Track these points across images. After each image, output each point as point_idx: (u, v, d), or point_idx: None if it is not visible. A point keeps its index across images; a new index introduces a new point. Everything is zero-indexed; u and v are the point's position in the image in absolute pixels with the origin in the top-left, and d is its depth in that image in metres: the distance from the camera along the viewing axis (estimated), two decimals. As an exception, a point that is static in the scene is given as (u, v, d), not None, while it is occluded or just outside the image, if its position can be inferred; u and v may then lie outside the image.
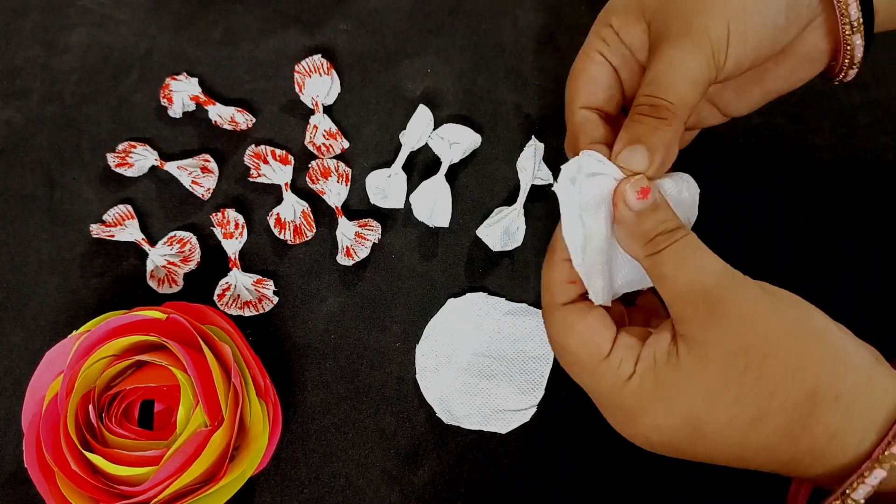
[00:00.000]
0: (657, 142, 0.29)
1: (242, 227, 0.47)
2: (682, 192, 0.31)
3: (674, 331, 0.28)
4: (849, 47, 0.32)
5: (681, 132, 0.30)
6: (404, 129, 0.49)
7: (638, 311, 0.34)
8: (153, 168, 0.49)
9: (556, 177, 0.48)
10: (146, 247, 0.46)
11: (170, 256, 0.46)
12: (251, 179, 0.48)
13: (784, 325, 0.27)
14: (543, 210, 0.47)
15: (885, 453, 0.25)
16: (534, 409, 0.42)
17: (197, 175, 0.47)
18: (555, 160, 0.48)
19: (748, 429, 0.27)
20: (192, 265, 0.46)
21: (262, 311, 0.45)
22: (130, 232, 0.46)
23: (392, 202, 0.47)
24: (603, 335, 0.29)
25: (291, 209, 0.47)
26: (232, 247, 0.46)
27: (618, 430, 0.30)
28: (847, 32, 0.32)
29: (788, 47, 0.33)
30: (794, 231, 0.46)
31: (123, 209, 0.47)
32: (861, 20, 0.31)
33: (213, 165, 0.48)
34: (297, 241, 0.47)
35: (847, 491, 0.26)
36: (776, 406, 0.26)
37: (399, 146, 0.49)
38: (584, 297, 0.31)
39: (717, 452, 0.28)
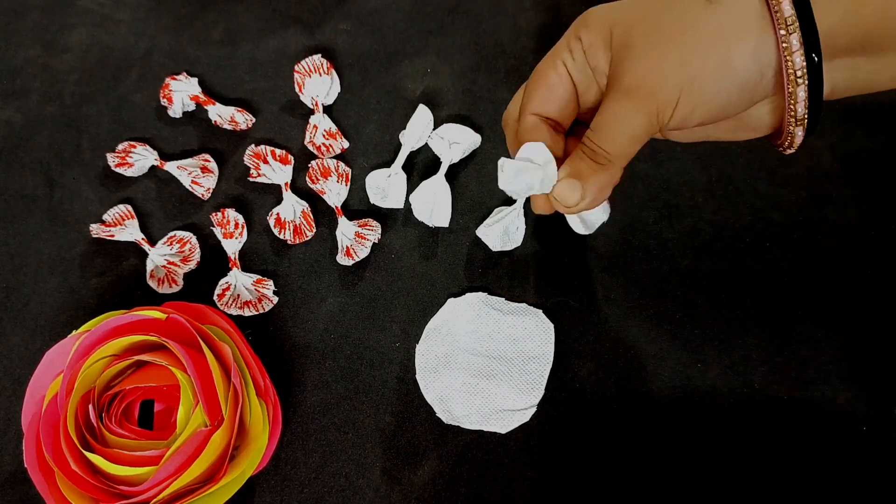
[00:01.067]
0: (592, 183, 0.33)
1: (242, 226, 0.47)
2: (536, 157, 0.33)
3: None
4: (790, 135, 0.32)
5: (617, 177, 0.33)
6: (404, 128, 0.49)
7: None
8: (153, 168, 0.49)
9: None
10: (146, 247, 0.46)
11: (170, 256, 0.46)
12: (251, 179, 0.48)
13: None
14: (543, 210, 0.47)
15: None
16: (534, 409, 0.42)
17: (197, 175, 0.47)
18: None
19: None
20: (192, 265, 0.46)
21: (262, 311, 0.45)
22: (130, 232, 0.46)
23: (392, 202, 0.47)
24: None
25: (291, 209, 0.47)
26: (232, 247, 0.46)
27: None
28: (791, 124, 0.32)
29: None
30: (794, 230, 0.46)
31: (123, 209, 0.47)
32: (806, 117, 0.31)
33: (213, 165, 0.48)
34: (297, 241, 0.47)
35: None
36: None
37: (399, 146, 0.49)
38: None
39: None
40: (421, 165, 0.49)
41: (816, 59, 0.29)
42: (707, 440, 0.40)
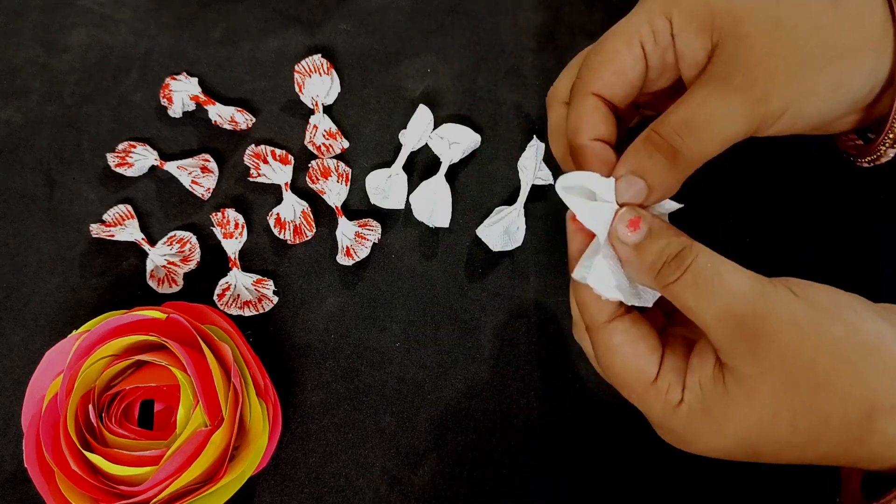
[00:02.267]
0: (660, 185, 0.28)
1: (242, 226, 0.46)
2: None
3: (716, 354, 0.27)
4: (879, 153, 0.31)
5: (681, 182, 0.29)
6: (404, 128, 0.49)
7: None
8: (153, 168, 0.49)
9: (556, 177, 0.48)
10: (146, 246, 0.46)
11: (170, 256, 0.46)
12: (251, 179, 0.48)
13: (832, 347, 0.25)
14: (544, 210, 0.47)
15: None
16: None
17: (197, 175, 0.47)
18: (555, 160, 0.48)
19: (805, 448, 0.26)
20: (192, 265, 0.46)
21: (261, 311, 0.45)
22: (130, 232, 0.46)
23: (392, 202, 0.47)
24: (648, 359, 0.28)
25: (291, 209, 0.47)
26: (232, 246, 0.46)
27: (671, 444, 0.29)
28: (885, 144, 0.30)
29: None
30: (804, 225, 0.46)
31: (123, 209, 0.47)
32: None
33: (212, 165, 0.48)
34: (297, 241, 0.47)
35: None
36: (832, 429, 0.25)
37: (399, 146, 0.49)
38: (624, 309, 0.29)
39: (774, 462, 0.27)
40: (421, 165, 0.49)
41: None
42: (707, 440, 0.40)
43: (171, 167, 0.48)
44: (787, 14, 0.27)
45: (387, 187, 0.47)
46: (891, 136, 0.30)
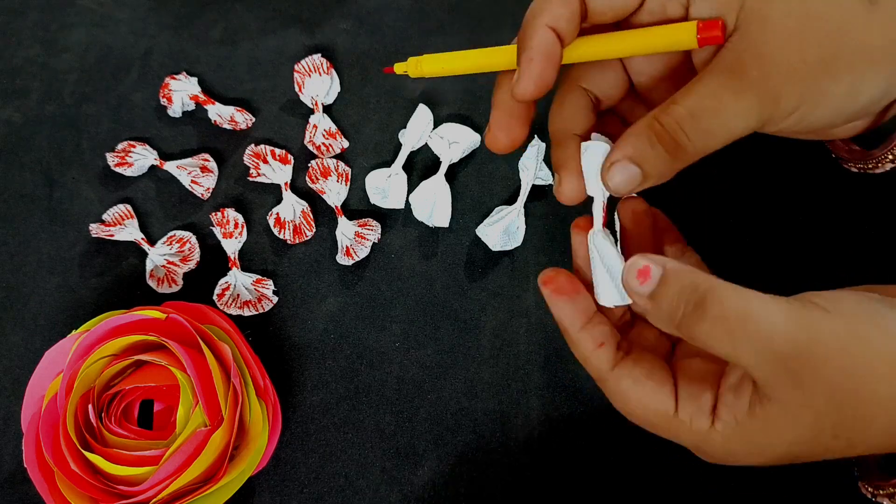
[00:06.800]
0: (657, 175, 0.27)
1: (242, 226, 0.46)
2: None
3: (753, 385, 0.26)
4: (875, 164, 0.30)
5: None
6: (404, 128, 0.49)
7: None
8: (153, 168, 0.49)
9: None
10: (146, 246, 0.46)
11: (169, 256, 0.46)
12: (251, 179, 0.48)
13: (875, 357, 0.24)
14: (544, 210, 0.47)
15: None
16: None
17: (196, 174, 0.47)
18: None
19: (845, 450, 0.26)
20: (192, 265, 0.46)
21: (261, 311, 0.45)
22: (130, 231, 0.46)
23: (392, 202, 0.47)
24: (661, 394, 0.28)
25: (291, 209, 0.47)
26: (231, 246, 0.46)
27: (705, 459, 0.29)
28: (889, 158, 0.29)
29: None
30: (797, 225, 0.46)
31: (123, 209, 0.47)
32: None
33: (212, 165, 0.48)
34: (297, 241, 0.47)
35: None
36: (874, 432, 0.25)
37: (399, 146, 0.48)
38: (625, 353, 0.29)
39: (810, 461, 0.27)
40: (421, 165, 0.49)
41: None
42: (707, 440, 0.40)
43: (170, 167, 0.48)
44: (819, 3, 0.26)
45: (387, 187, 0.47)
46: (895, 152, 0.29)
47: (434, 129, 0.48)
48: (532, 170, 0.46)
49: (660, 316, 0.26)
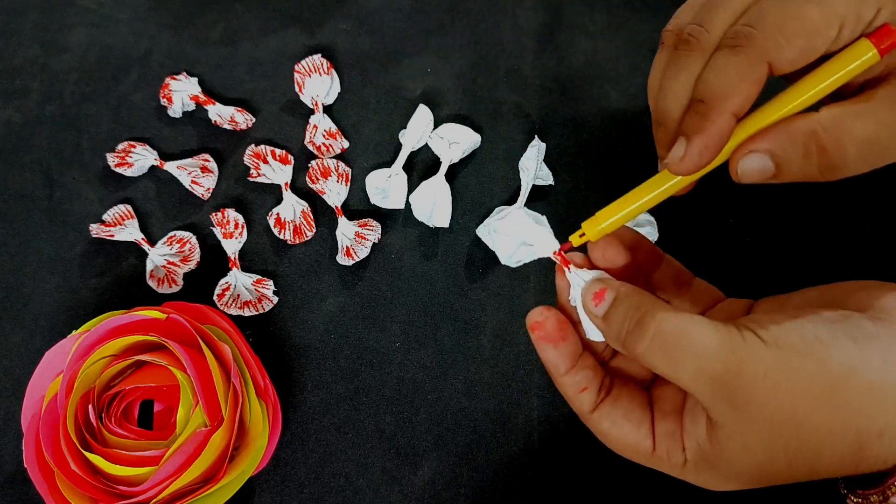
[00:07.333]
0: (789, 180, 0.27)
1: (242, 226, 0.46)
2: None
3: (705, 413, 0.27)
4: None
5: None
6: (404, 128, 0.49)
7: None
8: (153, 168, 0.49)
9: (556, 177, 0.48)
10: (146, 246, 0.46)
11: (169, 256, 0.46)
12: (251, 179, 0.48)
13: (805, 388, 0.25)
14: (544, 210, 0.47)
15: None
16: None
17: (197, 175, 0.47)
18: (555, 160, 0.48)
19: (809, 476, 0.26)
20: (192, 265, 0.46)
21: (261, 311, 0.45)
22: (130, 232, 0.46)
23: (392, 202, 0.47)
24: (639, 435, 0.29)
25: (291, 209, 0.47)
26: (232, 246, 0.46)
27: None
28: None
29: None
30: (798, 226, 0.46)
31: (123, 209, 0.47)
32: None
33: (212, 165, 0.48)
34: (297, 241, 0.47)
35: (888, 494, 0.26)
36: (826, 462, 0.25)
37: (399, 146, 0.48)
38: (606, 391, 0.30)
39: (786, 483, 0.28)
40: (421, 165, 0.49)
41: None
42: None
43: (170, 167, 0.48)
44: None
45: (387, 187, 0.47)
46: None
47: (434, 129, 0.48)
48: (532, 170, 0.46)
49: (611, 335, 0.28)
